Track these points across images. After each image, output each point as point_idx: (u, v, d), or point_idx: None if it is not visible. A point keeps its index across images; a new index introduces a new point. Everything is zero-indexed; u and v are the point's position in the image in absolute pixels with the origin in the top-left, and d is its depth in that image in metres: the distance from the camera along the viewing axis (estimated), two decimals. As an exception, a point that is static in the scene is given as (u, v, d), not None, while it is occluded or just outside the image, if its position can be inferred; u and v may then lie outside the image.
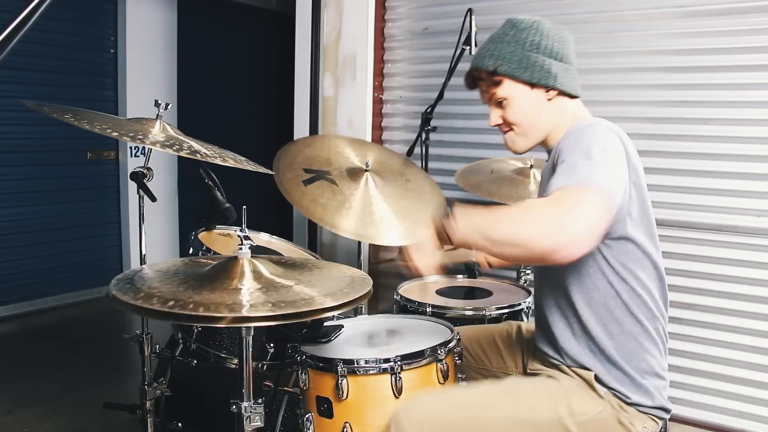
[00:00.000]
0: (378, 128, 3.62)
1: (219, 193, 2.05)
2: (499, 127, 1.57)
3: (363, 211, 2.03)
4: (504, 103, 1.52)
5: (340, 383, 1.45)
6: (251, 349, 1.34)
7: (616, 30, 2.85)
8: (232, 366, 1.88)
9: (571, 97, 1.52)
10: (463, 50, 2.66)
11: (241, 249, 1.36)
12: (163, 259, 1.62)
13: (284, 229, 3.75)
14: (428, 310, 2.05)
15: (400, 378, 1.46)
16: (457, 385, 1.58)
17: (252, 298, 1.22)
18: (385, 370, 1.47)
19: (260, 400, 1.35)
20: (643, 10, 2.78)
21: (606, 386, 1.45)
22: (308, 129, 3.70)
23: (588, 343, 1.46)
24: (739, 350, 2.67)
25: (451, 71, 2.71)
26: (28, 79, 4.13)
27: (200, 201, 2.17)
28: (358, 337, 1.72)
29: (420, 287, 2.36)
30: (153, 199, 1.80)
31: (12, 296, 4.21)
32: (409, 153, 2.93)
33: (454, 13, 3.12)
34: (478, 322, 2.03)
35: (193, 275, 1.34)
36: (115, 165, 4.76)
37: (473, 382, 1.63)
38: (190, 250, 2.02)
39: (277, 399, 1.87)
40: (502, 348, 1.75)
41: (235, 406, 1.34)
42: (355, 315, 1.98)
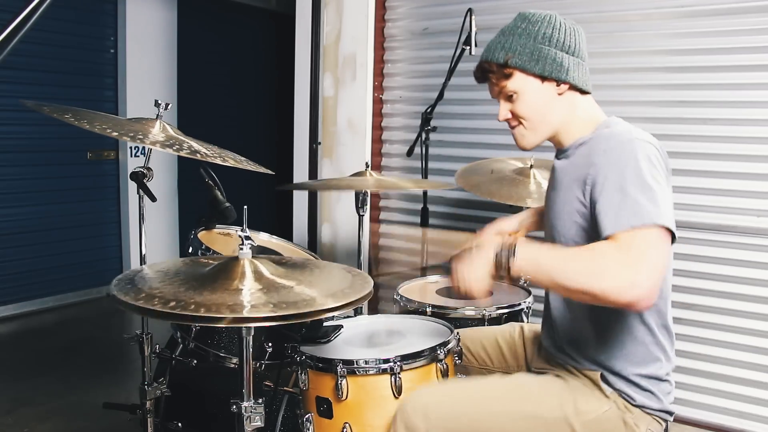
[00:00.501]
0: (378, 128, 3.62)
1: (219, 193, 2.05)
2: (508, 122, 1.54)
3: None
4: (514, 97, 1.49)
5: (340, 383, 1.46)
6: (251, 349, 1.34)
7: (617, 30, 2.85)
8: (232, 365, 1.88)
9: (582, 92, 1.50)
10: (463, 50, 2.66)
11: (241, 249, 1.36)
12: (163, 259, 1.62)
13: (284, 229, 3.75)
14: (428, 310, 2.04)
15: (400, 378, 1.46)
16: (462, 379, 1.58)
17: (253, 299, 1.22)
18: (384, 371, 1.47)
19: (260, 400, 1.35)
20: (643, 10, 2.77)
21: (612, 387, 1.44)
22: (308, 129, 3.70)
23: (597, 346, 1.46)
24: (739, 350, 2.67)
25: (451, 71, 2.70)
26: (28, 79, 4.12)
27: (200, 201, 2.18)
28: (358, 338, 1.72)
29: (420, 287, 2.36)
30: (153, 199, 1.81)
31: (12, 296, 4.21)
32: (409, 153, 2.93)
33: (454, 13, 3.12)
34: (478, 322, 2.03)
35: (194, 275, 1.34)
36: (115, 165, 4.75)
37: (480, 376, 1.62)
38: (190, 250, 2.03)
39: (277, 399, 1.87)
40: (505, 349, 1.75)
41: (235, 406, 1.34)
42: (355, 315, 1.98)
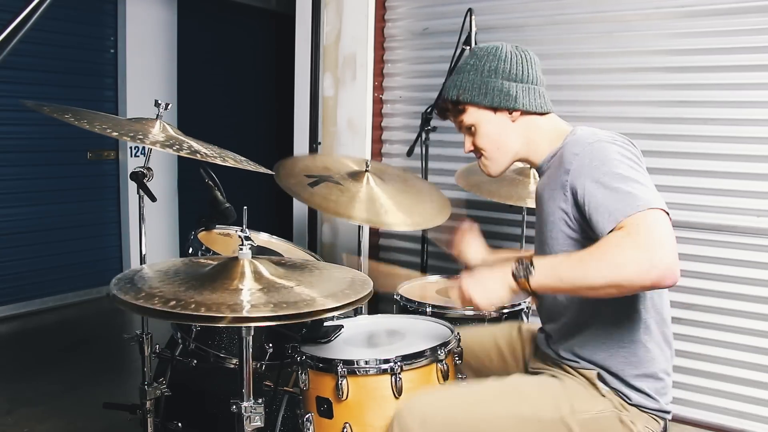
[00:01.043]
0: (378, 128, 3.62)
1: (219, 193, 2.05)
2: (473, 153, 1.63)
3: (371, 204, 2.18)
4: (473, 130, 1.58)
5: (340, 384, 1.46)
6: (251, 349, 1.34)
7: (616, 30, 2.84)
8: (232, 366, 1.88)
9: (541, 114, 1.55)
10: (463, 50, 2.66)
11: (241, 249, 1.36)
12: (163, 259, 1.61)
13: (284, 229, 3.75)
14: (428, 310, 2.04)
15: (400, 378, 1.46)
16: (459, 383, 1.58)
17: (253, 299, 1.22)
18: (385, 371, 1.47)
19: (260, 400, 1.35)
20: (643, 10, 2.77)
21: (608, 386, 1.45)
22: (308, 129, 3.70)
23: (595, 346, 1.46)
24: (739, 350, 2.67)
25: (451, 71, 2.70)
26: (28, 79, 4.12)
27: (200, 201, 2.18)
28: (358, 338, 1.72)
29: (420, 287, 2.36)
30: (153, 199, 1.80)
31: (12, 296, 4.21)
32: (409, 153, 2.93)
33: (454, 13, 3.12)
34: (478, 322, 2.03)
35: (194, 275, 1.34)
36: (115, 165, 4.75)
37: (476, 380, 1.63)
38: (190, 250, 2.02)
39: (277, 399, 1.87)
40: (504, 348, 1.76)
41: (235, 406, 1.34)
42: (355, 315, 1.98)
